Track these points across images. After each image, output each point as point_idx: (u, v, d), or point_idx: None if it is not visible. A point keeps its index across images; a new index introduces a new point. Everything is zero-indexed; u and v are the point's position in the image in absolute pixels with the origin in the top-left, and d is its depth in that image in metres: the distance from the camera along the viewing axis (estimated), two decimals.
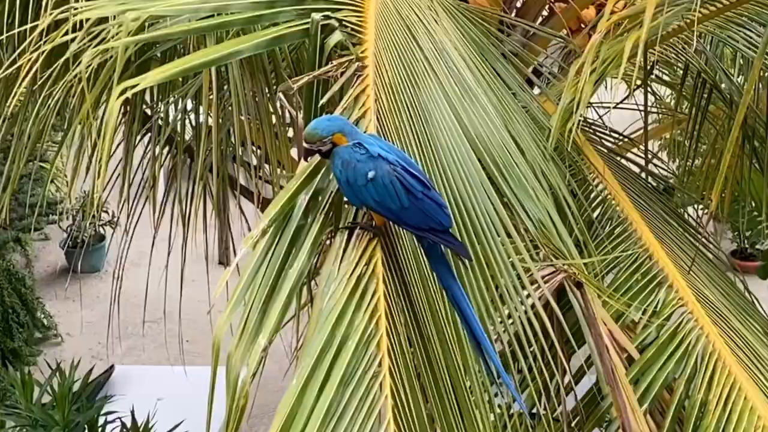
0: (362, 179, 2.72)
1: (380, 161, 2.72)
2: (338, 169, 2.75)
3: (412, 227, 2.83)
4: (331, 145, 2.75)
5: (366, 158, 2.72)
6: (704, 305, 4.27)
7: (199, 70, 3.70)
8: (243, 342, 2.52)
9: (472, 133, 3.67)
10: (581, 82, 3.86)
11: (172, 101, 5.37)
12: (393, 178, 2.73)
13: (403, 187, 2.74)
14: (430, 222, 2.79)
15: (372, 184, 2.72)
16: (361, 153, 2.73)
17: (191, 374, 6.89)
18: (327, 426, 2.43)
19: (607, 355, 3.69)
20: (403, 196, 2.73)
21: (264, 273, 2.69)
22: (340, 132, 2.75)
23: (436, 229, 2.81)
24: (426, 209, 2.77)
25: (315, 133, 2.75)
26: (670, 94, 7.16)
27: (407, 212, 2.75)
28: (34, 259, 10.83)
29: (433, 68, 3.76)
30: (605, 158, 5.00)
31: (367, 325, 2.64)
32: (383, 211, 2.78)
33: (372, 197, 2.74)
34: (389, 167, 2.73)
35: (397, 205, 2.74)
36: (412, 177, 2.76)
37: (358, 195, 2.75)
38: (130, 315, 8.98)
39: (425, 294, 2.97)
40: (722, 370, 3.97)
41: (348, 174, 2.73)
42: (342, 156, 2.74)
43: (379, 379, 2.57)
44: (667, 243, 4.60)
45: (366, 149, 2.73)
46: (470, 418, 2.92)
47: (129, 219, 5.72)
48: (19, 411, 6.05)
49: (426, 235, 2.83)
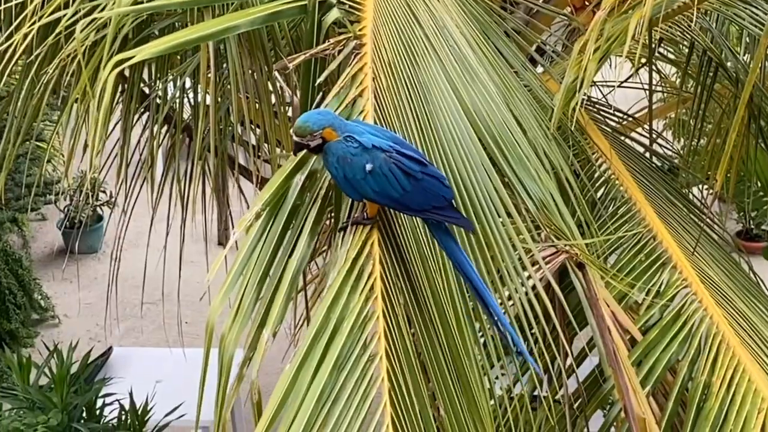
0: (360, 173, 2.71)
1: (375, 151, 2.72)
2: (334, 166, 2.74)
3: (414, 210, 2.84)
4: (321, 139, 2.73)
5: (360, 151, 2.71)
6: (708, 286, 4.27)
7: (196, 45, 3.69)
8: (237, 323, 2.54)
9: (473, 112, 3.66)
10: (585, 60, 3.86)
11: (170, 79, 5.37)
12: (391, 165, 2.72)
13: (402, 172, 2.73)
14: (432, 201, 2.80)
15: (371, 176, 2.71)
16: (355, 146, 2.71)
17: (190, 356, 6.90)
18: (321, 410, 2.44)
19: (609, 337, 3.70)
20: (404, 181, 2.73)
21: (258, 255, 2.70)
22: (330, 126, 2.73)
23: (438, 206, 2.82)
24: (427, 188, 2.78)
25: (306, 127, 2.73)
26: (675, 73, 7.16)
27: (408, 196, 2.75)
28: (31, 240, 10.83)
29: (433, 46, 3.76)
30: (609, 138, 5.00)
31: (363, 307, 2.65)
32: (384, 200, 2.78)
33: (371, 189, 2.74)
34: (385, 155, 2.73)
35: (398, 192, 2.74)
36: (408, 159, 2.76)
37: (357, 189, 2.75)
38: (129, 296, 9.02)
39: (425, 273, 2.98)
40: (726, 351, 3.98)
41: (345, 170, 2.72)
42: (336, 152, 2.73)
43: (375, 362, 2.58)
44: (671, 223, 4.60)
45: (358, 142, 2.72)
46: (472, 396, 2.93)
47: (127, 199, 5.72)
48: (16, 393, 6.07)
49: (428, 215, 2.84)
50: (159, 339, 8.97)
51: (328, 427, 2.44)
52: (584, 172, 4.60)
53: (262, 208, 2.78)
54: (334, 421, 2.45)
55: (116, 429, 6.01)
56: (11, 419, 5.81)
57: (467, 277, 2.92)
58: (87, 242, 10.89)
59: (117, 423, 6.09)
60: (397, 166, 2.73)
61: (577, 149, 4.57)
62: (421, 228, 3.06)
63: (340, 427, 2.45)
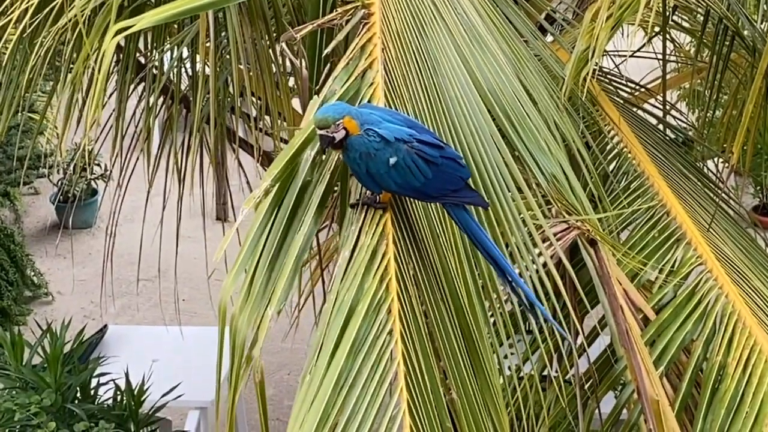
0: (384, 167, 2.74)
1: (398, 144, 2.75)
2: (356, 162, 2.76)
3: (433, 197, 2.90)
4: (344, 130, 2.73)
5: (384, 145, 2.74)
6: (724, 264, 4.27)
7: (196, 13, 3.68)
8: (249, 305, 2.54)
9: (482, 83, 3.66)
10: (596, 28, 3.85)
11: (167, 48, 5.35)
12: (413, 155, 2.76)
13: (424, 160, 2.77)
14: (448, 184, 2.84)
15: (394, 169, 2.75)
16: (377, 141, 2.73)
17: (188, 334, 6.91)
18: (338, 395, 2.44)
19: (621, 316, 3.71)
20: (425, 170, 2.77)
21: (268, 234, 2.69)
22: (348, 115, 2.74)
23: (455, 188, 2.85)
24: (446, 172, 2.82)
25: (326, 118, 2.73)
26: (689, 42, 7.13)
27: (429, 183, 2.80)
28: (24, 215, 10.82)
29: (442, 15, 3.74)
30: (621, 109, 4.99)
31: (378, 288, 2.65)
32: (405, 191, 2.83)
33: (394, 181, 2.77)
34: (407, 147, 2.75)
35: (420, 181, 2.78)
36: (428, 146, 2.79)
37: (380, 182, 2.78)
38: (124, 273, 9.02)
39: (437, 252, 2.98)
40: (742, 331, 3.99)
41: (369, 165, 2.75)
42: (358, 148, 2.74)
43: (391, 345, 2.58)
44: (685, 198, 4.60)
45: (380, 136, 2.74)
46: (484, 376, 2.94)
47: (122, 172, 5.71)
48: (8, 372, 6.07)
49: (445, 199, 2.89)
50: (155, 317, 8.98)
51: (345, 412, 2.45)
52: (596, 144, 4.59)
53: (271, 184, 2.78)
54: (351, 405, 2.45)
55: (111, 409, 6.01)
56: (3, 399, 5.81)
57: (485, 250, 2.95)
58: (81, 217, 10.88)
59: (112, 403, 6.09)
60: (418, 155, 2.76)
61: (588, 121, 4.56)
62: (432, 207, 3.07)
63: (358, 412, 2.46)
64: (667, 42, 5.31)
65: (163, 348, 7.11)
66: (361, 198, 2.88)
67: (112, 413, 5.95)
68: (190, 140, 5.49)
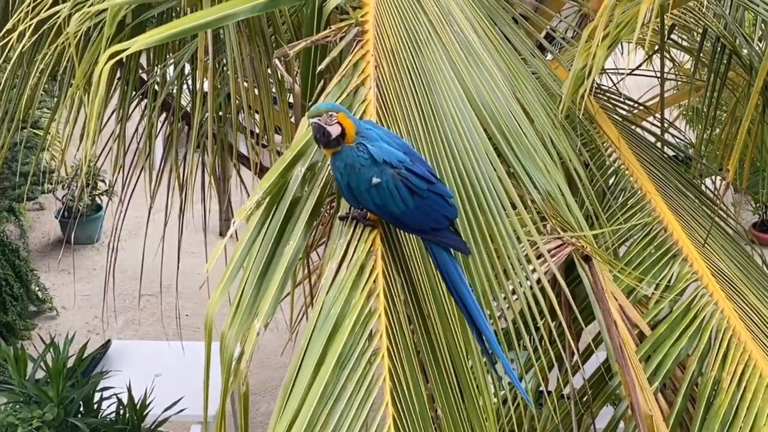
0: (365, 184, 2.72)
1: (385, 167, 2.72)
2: (339, 172, 2.75)
3: (411, 229, 2.86)
4: (339, 126, 2.72)
5: (370, 163, 2.72)
6: (719, 280, 4.28)
7: (193, 33, 3.70)
8: (237, 320, 2.54)
9: (478, 100, 3.66)
10: (594, 46, 3.86)
11: (170, 63, 5.37)
12: (398, 182, 2.73)
13: (408, 189, 2.74)
14: (431, 222, 2.80)
15: (375, 189, 2.72)
16: (365, 157, 2.72)
17: (190, 349, 6.92)
18: (323, 409, 2.44)
19: (615, 332, 3.71)
20: (407, 199, 2.74)
21: (258, 248, 2.70)
22: (343, 112, 2.73)
23: (437, 228, 2.81)
24: (431, 206, 2.78)
25: (318, 107, 2.73)
26: (688, 60, 7.15)
27: (409, 214, 2.75)
28: (28, 230, 10.86)
29: (438, 33, 3.75)
30: (619, 127, 5.00)
31: (365, 303, 2.65)
32: (383, 214, 2.79)
33: (373, 201, 2.74)
34: (394, 172, 2.73)
35: (399, 209, 2.74)
36: (416, 176, 2.76)
37: (359, 198, 2.76)
38: (128, 288, 9.05)
39: (426, 270, 2.98)
40: (737, 346, 4.00)
41: (351, 178, 2.73)
42: (345, 159, 2.73)
43: (377, 360, 2.58)
44: (682, 215, 4.61)
45: (369, 153, 2.72)
46: (471, 397, 2.94)
47: (124, 188, 5.73)
48: (12, 387, 6.09)
49: (425, 236, 2.84)
50: (158, 331, 9.00)
51: (330, 426, 2.44)
52: (593, 161, 4.60)
53: (262, 197, 2.79)
54: (335, 420, 2.45)
55: (114, 424, 6.02)
56: (6, 414, 5.83)
57: (459, 297, 2.87)
58: (85, 232, 10.92)
59: (115, 417, 6.10)
60: (403, 182, 2.73)
61: (586, 138, 4.57)
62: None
63: (342, 426, 2.46)
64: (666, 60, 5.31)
65: (166, 363, 7.12)
66: (351, 212, 2.86)
67: (114, 427, 5.96)
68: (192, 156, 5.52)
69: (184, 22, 3.27)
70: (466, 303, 2.85)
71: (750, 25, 6.42)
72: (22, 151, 7.93)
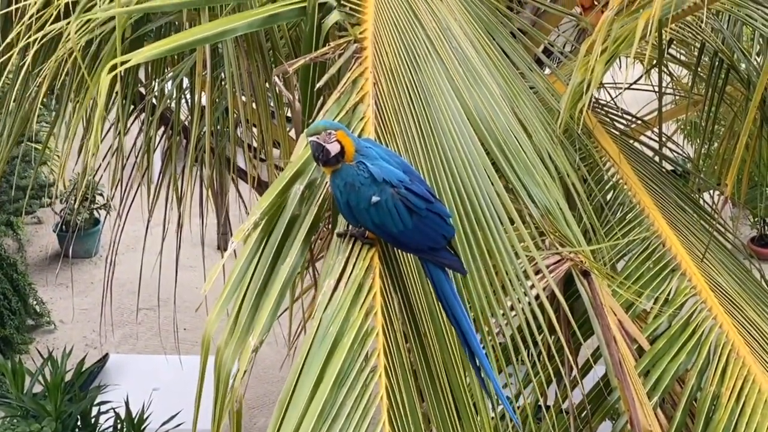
0: (365, 203, 2.72)
1: (384, 186, 2.72)
2: (339, 190, 2.74)
3: (409, 249, 2.85)
4: (338, 144, 2.72)
5: (370, 182, 2.71)
6: (718, 294, 4.29)
7: (192, 48, 3.71)
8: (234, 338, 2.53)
9: (476, 115, 3.66)
10: (592, 61, 3.86)
11: (168, 78, 5.38)
12: (397, 201, 2.72)
13: (407, 209, 2.73)
14: (428, 242, 2.79)
15: (374, 208, 2.72)
16: (365, 176, 2.71)
17: (188, 363, 6.92)
18: (321, 427, 2.43)
19: (614, 347, 3.71)
20: (406, 219, 2.73)
21: (256, 266, 2.70)
22: (342, 130, 2.73)
23: (434, 247, 2.81)
24: (429, 226, 2.77)
25: (317, 125, 2.72)
26: (686, 75, 7.16)
27: (407, 234, 2.75)
28: (27, 244, 10.86)
29: (436, 48, 3.75)
30: (618, 141, 5.01)
31: (363, 321, 2.64)
32: (381, 233, 2.78)
33: (372, 220, 2.74)
34: (393, 191, 2.72)
35: (398, 228, 2.74)
36: (415, 195, 2.75)
37: (357, 217, 2.75)
38: (126, 302, 9.04)
39: (423, 287, 2.97)
40: (735, 361, 4.00)
41: (350, 196, 2.72)
42: (345, 177, 2.73)
43: (375, 379, 2.57)
44: (680, 229, 4.61)
45: (369, 172, 2.72)
46: (468, 416, 2.93)
47: (122, 202, 5.73)
48: (9, 401, 6.09)
49: (422, 255, 2.83)
50: (156, 345, 8.99)
51: None
52: (591, 176, 4.60)
53: (260, 217, 2.78)
54: None
55: None
56: (4, 428, 5.83)
57: (453, 317, 2.86)
58: (83, 246, 10.92)
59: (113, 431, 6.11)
60: (403, 202, 2.73)
61: (585, 153, 4.57)
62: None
63: None
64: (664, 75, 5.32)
65: (164, 377, 7.13)
66: (350, 230, 2.86)
67: None
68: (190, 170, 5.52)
69: (184, 36, 3.27)
70: (460, 323, 2.84)
71: (748, 40, 6.44)
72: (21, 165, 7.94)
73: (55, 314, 9.93)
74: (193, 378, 6.80)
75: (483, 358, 2.86)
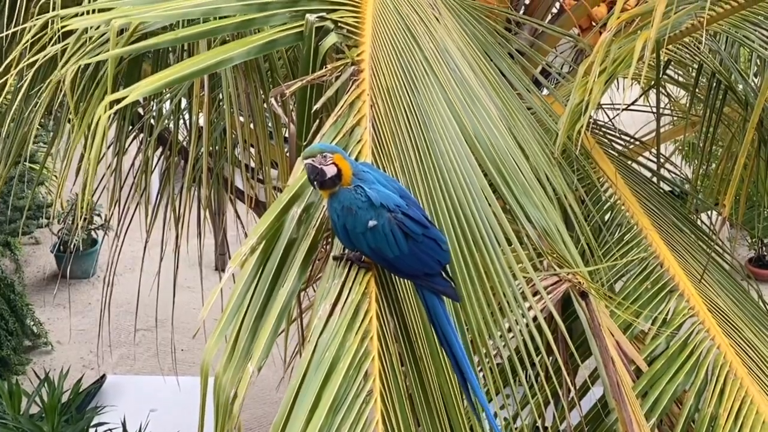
0: (361, 227, 2.71)
1: (381, 210, 2.71)
2: (336, 213, 2.74)
3: (404, 274, 2.85)
4: (335, 167, 2.72)
5: (367, 206, 2.71)
6: (716, 315, 4.30)
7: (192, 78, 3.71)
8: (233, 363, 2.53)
9: (474, 137, 3.66)
10: (590, 82, 3.87)
11: (166, 98, 5.39)
12: (393, 226, 2.72)
13: (403, 234, 2.73)
14: (424, 267, 2.78)
15: (371, 233, 2.71)
16: (363, 200, 2.71)
17: (185, 384, 6.92)
18: None
19: (612, 368, 3.71)
20: (402, 244, 2.73)
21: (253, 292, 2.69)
22: (339, 153, 2.73)
23: (429, 273, 2.80)
24: (424, 251, 2.76)
25: (312, 148, 2.73)
26: (684, 95, 7.19)
27: (402, 259, 2.74)
28: (24, 264, 10.86)
29: (434, 70, 3.76)
30: (615, 162, 5.02)
31: (359, 346, 2.64)
32: (376, 257, 2.78)
33: (368, 244, 2.73)
34: (390, 216, 2.72)
35: (394, 253, 2.73)
36: (411, 221, 2.75)
37: (354, 240, 2.75)
38: (123, 322, 9.04)
39: (419, 311, 2.97)
40: (734, 382, 4.01)
41: (347, 220, 2.72)
42: (342, 201, 2.73)
43: (370, 405, 2.57)
44: (678, 250, 4.62)
45: (367, 196, 2.72)
46: None
47: (120, 223, 5.74)
48: (6, 422, 6.09)
49: (417, 281, 2.84)
50: (153, 366, 8.99)
51: None
52: (589, 197, 4.61)
53: (257, 242, 2.78)
54: None
55: None
56: None
57: (447, 343, 2.85)
58: (81, 267, 10.93)
59: None
60: (399, 227, 2.73)
61: (582, 174, 4.58)
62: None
63: None
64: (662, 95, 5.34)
65: (161, 398, 7.12)
66: (346, 253, 2.86)
67: None
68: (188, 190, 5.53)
69: (182, 68, 3.25)
70: (453, 349, 2.84)
71: (745, 61, 6.46)
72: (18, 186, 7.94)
73: (52, 335, 9.92)
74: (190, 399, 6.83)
75: (476, 385, 2.86)
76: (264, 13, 3.49)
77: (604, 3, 5.75)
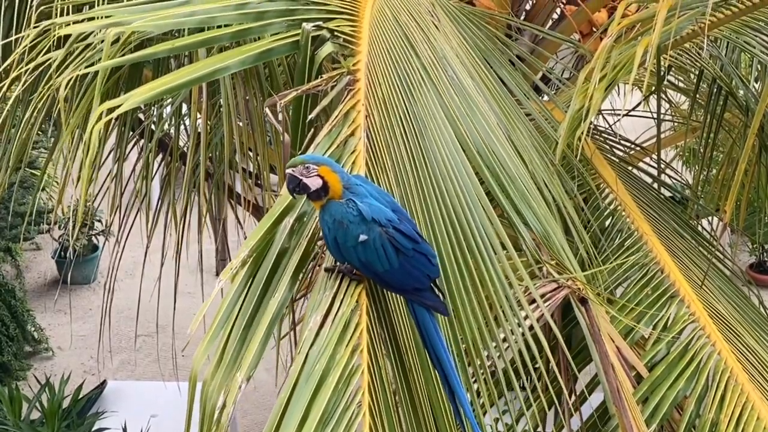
0: (352, 241, 2.71)
1: (373, 225, 2.72)
2: (327, 226, 2.74)
3: (393, 288, 2.85)
4: (319, 179, 2.73)
5: (359, 220, 2.71)
6: (717, 321, 4.29)
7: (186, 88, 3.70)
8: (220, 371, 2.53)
9: (471, 145, 3.65)
10: (590, 88, 3.87)
11: (167, 104, 5.39)
12: (385, 240, 2.72)
13: (394, 248, 2.73)
14: (413, 282, 2.78)
15: (361, 246, 2.71)
16: (354, 214, 2.71)
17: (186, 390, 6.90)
18: None
19: (612, 374, 3.71)
20: (392, 258, 2.73)
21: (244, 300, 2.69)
22: (327, 166, 2.74)
23: (419, 288, 2.80)
24: (414, 266, 2.77)
25: (295, 159, 2.74)
26: (685, 101, 7.18)
27: (391, 273, 2.75)
28: (25, 270, 10.86)
29: (431, 78, 3.75)
30: (616, 168, 5.02)
31: (350, 359, 2.64)
32: (366, 271, 2.78)
33: (358, 258, 2.74)
34: (381, 230, 2.72)
35: (384, 267, 2.74)
36: (403, 236, 2.75)
37: (344, 254, 2.76)
38: (124, 328, 9.05)
39: (410, 325, 2.95)
40: (734, 388, 4.00)
41: (338, 234, 2.72)
42: (333, 214, 2.73)
43: (359, 418, 2.56)
44: (679, 256, 4.62)
45: (359, 210, 2.71)
46: None
47: (121, 228, 5.74)
48: (6, 428, 6.09)
49: (406, 295, 2.84)
50: (154, 372, 8.99)
51: None
52: (590, 202, 4.61)
53: (248, 255, 2.78)
54: None
55: None
56: None
57: (436, 357, 2.85)
58: (82, 272, 10.93)
59: None
60: (390, 242, 2.73)
61: (582, 180, 4.57)
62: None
63: None
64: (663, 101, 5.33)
65: (162, 403, 7.11)
66: (338, 265, 2.85)
67: None
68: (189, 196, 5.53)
69: (178, 76, 3.25)
70: (442, 362, 2.84)
71: (746, 67, 6.46)
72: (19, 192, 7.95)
73: (53, 341, 9.93)
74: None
75: (464, 400, 2.87)
76: (261, 22, 3.49)
77: (605, 9, 5.75)
